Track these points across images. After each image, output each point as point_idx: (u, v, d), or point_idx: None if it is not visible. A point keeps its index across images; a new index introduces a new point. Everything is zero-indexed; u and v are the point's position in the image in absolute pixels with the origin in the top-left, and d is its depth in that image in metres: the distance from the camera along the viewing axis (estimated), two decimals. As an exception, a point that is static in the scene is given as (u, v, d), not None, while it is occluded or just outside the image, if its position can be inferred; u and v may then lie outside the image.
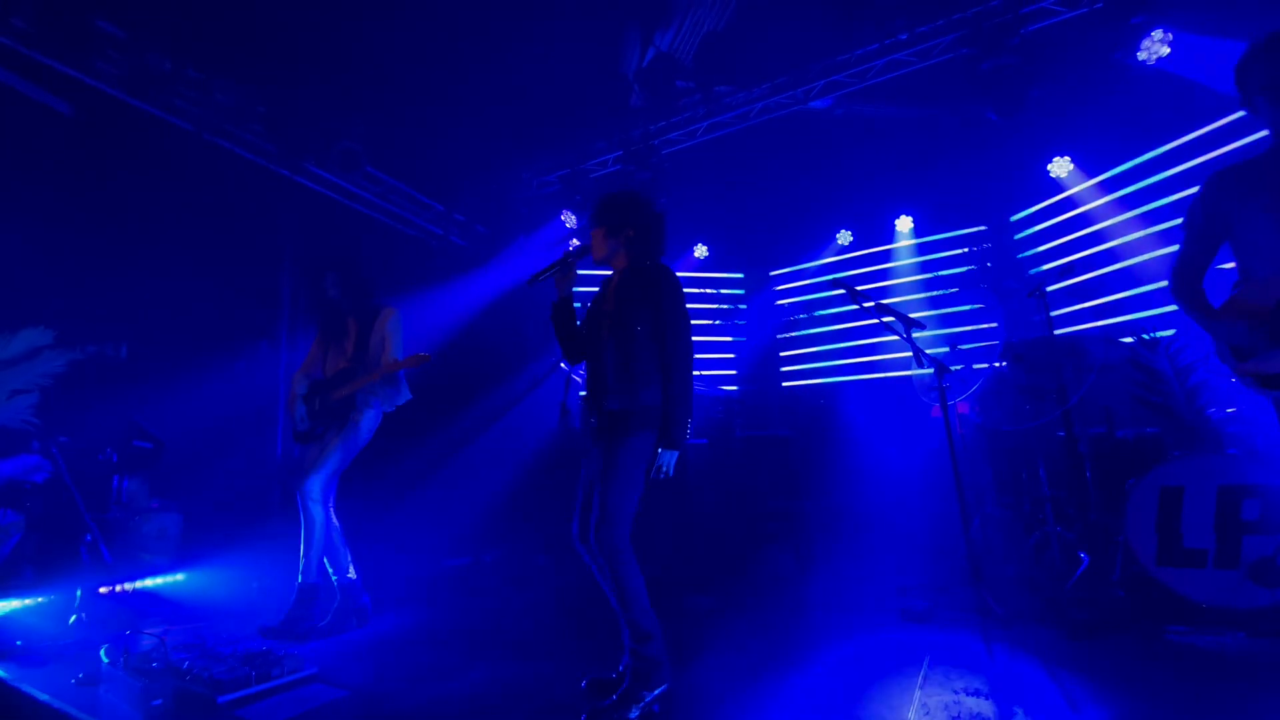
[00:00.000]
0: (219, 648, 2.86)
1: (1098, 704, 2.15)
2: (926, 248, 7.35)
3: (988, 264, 6.85)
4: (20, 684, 2.65)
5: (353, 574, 3.53)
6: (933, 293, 7.10)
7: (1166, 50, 4.55)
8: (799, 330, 8.13)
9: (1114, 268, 5.73)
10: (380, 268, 3.75)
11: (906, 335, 3.42)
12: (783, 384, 8.17)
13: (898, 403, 6.26)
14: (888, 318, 3.46)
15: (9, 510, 3.61)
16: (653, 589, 2.55)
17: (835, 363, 7.76)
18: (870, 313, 3.49)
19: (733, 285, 8.51)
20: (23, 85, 4.26)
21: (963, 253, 7.06)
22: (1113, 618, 2.96)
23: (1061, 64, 5.10)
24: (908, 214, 7.35)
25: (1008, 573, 3.85)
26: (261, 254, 5.72)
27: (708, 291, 8.24)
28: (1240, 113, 4.73)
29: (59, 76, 4.29)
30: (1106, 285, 5.76)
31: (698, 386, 4.55)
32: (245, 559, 4.47)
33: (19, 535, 3.63)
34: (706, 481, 4.44)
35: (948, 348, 4.46)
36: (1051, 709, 2.14)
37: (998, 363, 4.34)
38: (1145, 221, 5.48)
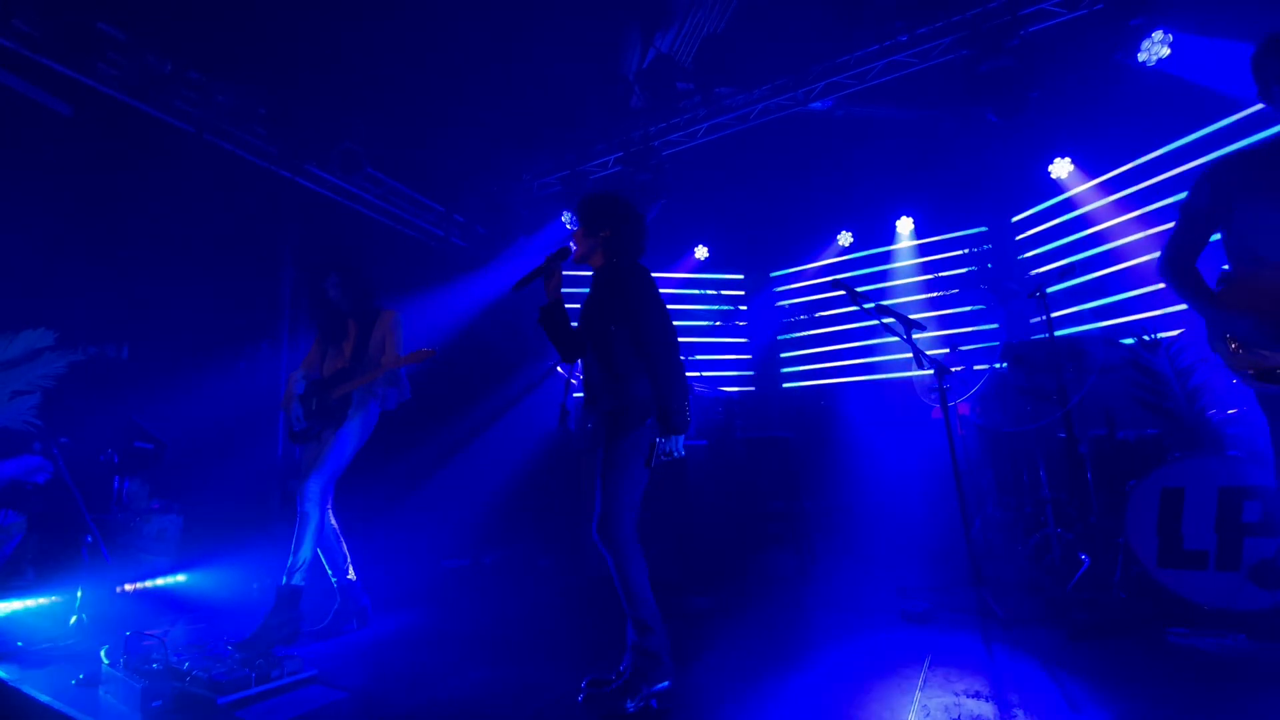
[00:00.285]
0: (219, 649, 2.86)
1: (1098, 706, 2.15)
2: (927, 249, 7.35)
3: (988, 265, 6.85)
4: (21, 685, 2.65)
5: (352, 575, 3.53)
6: (933, 294, 7.10)
7: (1167, 51, 4.55)
8: (799, 331, 8.13)
9: (1115, 269, 5.73)
10: (380, 269, 3.75)
11: (907, 336, 3.42)
12: (783, 385, 8.18)
13: (898, 404, 6.26)
14: (888, 319, 3.46)
15: (10, 511, 3.61)
16: (653, 589, 2.55)
17: (836, 364, 7.76)
18: (871, 314, 3.49)
19: (733, 286, 8.51)
20: (23, 87, 4.27)
21: (963, 254, 7.06)
22: (1113, 619, 2.96)
23: (1061, 65, 5.10)
24: (908, 215, 7.35)
25: (1008, 574, 3.85)
26: (262, 255, 5.72)
27: (708, 293, 8.24)
28: (1241, 113, 4.76)
29: (60, 78, 4.29)
30: (1107, 286, 5.76)
31: (698, 387, 4.55)
32: (246, 560, 4.47)
33: (20, 536, 3.63)
34: (707, 482, 4.43)
35: (948, 349, 4.47)
36: (1052, 711, 2.14)
37: (998, 364, 4.35)
38: (1146, 223, 5.48)
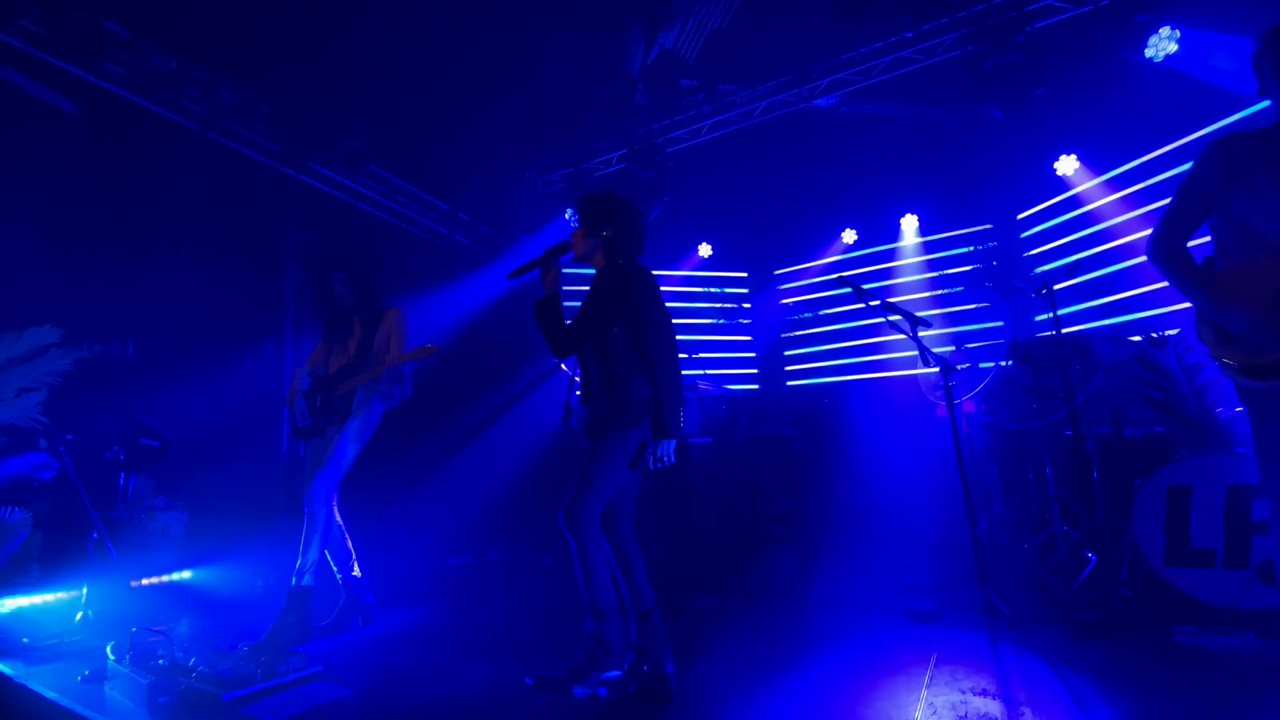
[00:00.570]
0: (225, 645, 2.87)
1: (1105, 704, 2.14)
2: (932, 246, 7.32)
3: (993, 262, 6.83)
4: (27, 681, 2.66)
5: (357, 572, 3.53)
6: (938, 291, 7.08)
7: (1174, 47, 4.52)
8: (803, 329, 8.11)
9: (1121, 266, 5.70)
10: (385, 267, 3.76)
11: (913, 334, 3.41)
12: (787, 383, 8.16)
13: (902, 402, 6.25)
14: (894, 316, 3.44)
15: (16, 508, 3.62)
16: (656, 588, 2.56)
17: (840, 362, 7.74)
18: (875, 311, 3.48)
19: (737, 284, 8.49)
20: (30, 85, 4.28)
21: (968, 251, 7.04)
22: (1120, 618, 2.94)
23: (1067, 62, 5.08)
24: (913, 212, 7.33)
25: (1014, 573, 3.83)
26: (266, 253, 5.74)
27: (712, 290, 8.23)
28: (1249, 110, 4.73)
29: (66, 76, 4.30)
30: (1113, 283, 5.73)
31: (702, 386, 4.54)
32: (250, 557, 4.49)
33: (26, 533, 3.64)
34: (710, 481, 4.42)
35: (954, 346, 4.45)
36: (1059, 709, 2.13)
37: (1004, 362, 4.33)
38: (1153, 220, 5.43)
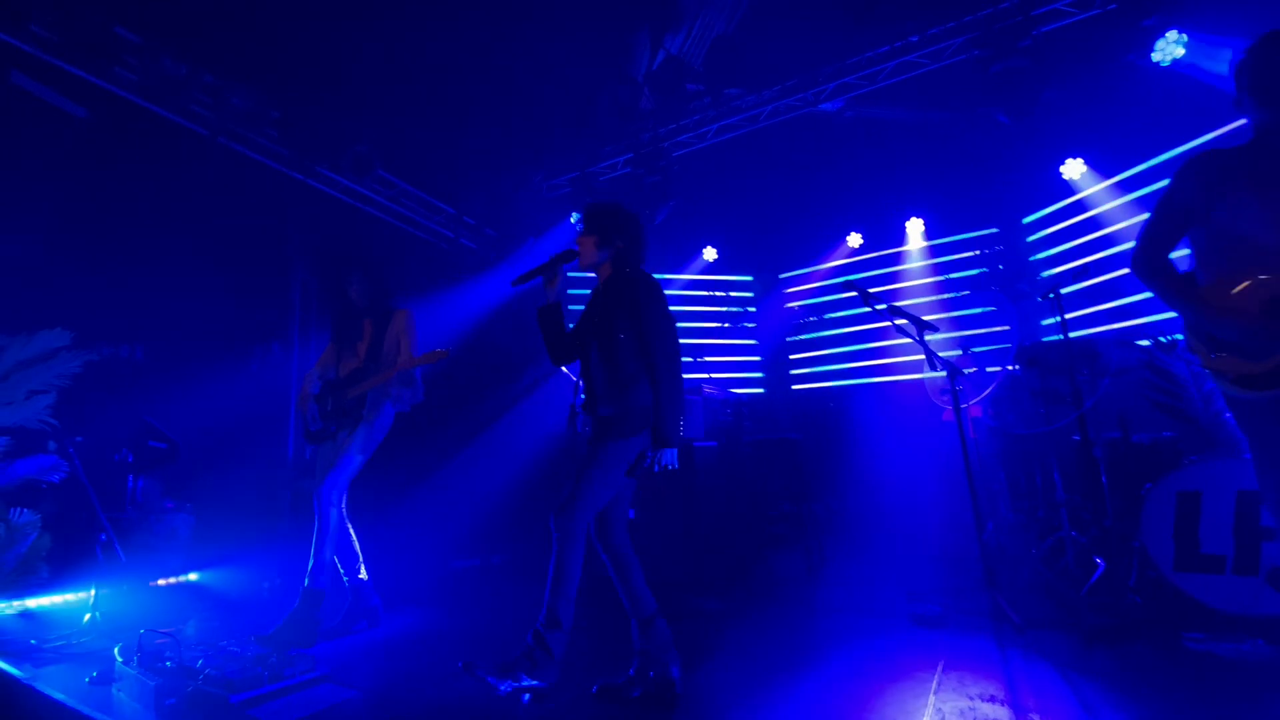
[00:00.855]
0: (232, 647, 2.88)
1: (1114, 711, 2.12)
2: (938, 250, 7.30)
3: (1000, 266, 6.80)
4: (35, 683, 2.67)
5: (364, 574, 3.54)
6: (944, 295, 7.06)
7: (1181, 52, 4.51)
8: (809, 333, 8.10)
9: (1128, 270, 5.66)
10: (391, 270, 3.78)
11: (919, 338, 3.40)
12: (792, 386, 8.15)
13: (908, 406, 6.23)
14: (900, 320, 3.44)
15: (25, 509, 3.65)
16: (661, 591, 2.56)
17: (846, 365, 7.73)
18: (881, 315, 3.47)
19: (742, 288, 8.49)
20: (41, 90, 4.33)
21: (974, 255, 7.02)
22: (1129, 624, 2.92)
23: (1074, 65, 5.07)
24: (918, 216, 7.31)
25: (1022, 578, 3.81)
26: (274, 257, 5.77)
27: (717, 294, 8.23)
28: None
29: (76, 81, 4.34)
30: (1121, 288, 5.70)
31: (707, 389, 4.54)
32: (256, 559, 4.50)
33: (35, 534, 3.66)
34: (715, 484, 4.42)
35: (960, 351, 4.44)
36: (1068, 715, 2.11)
37: (1011, 366, 4.31)
38: (1160, 223, 5.41)
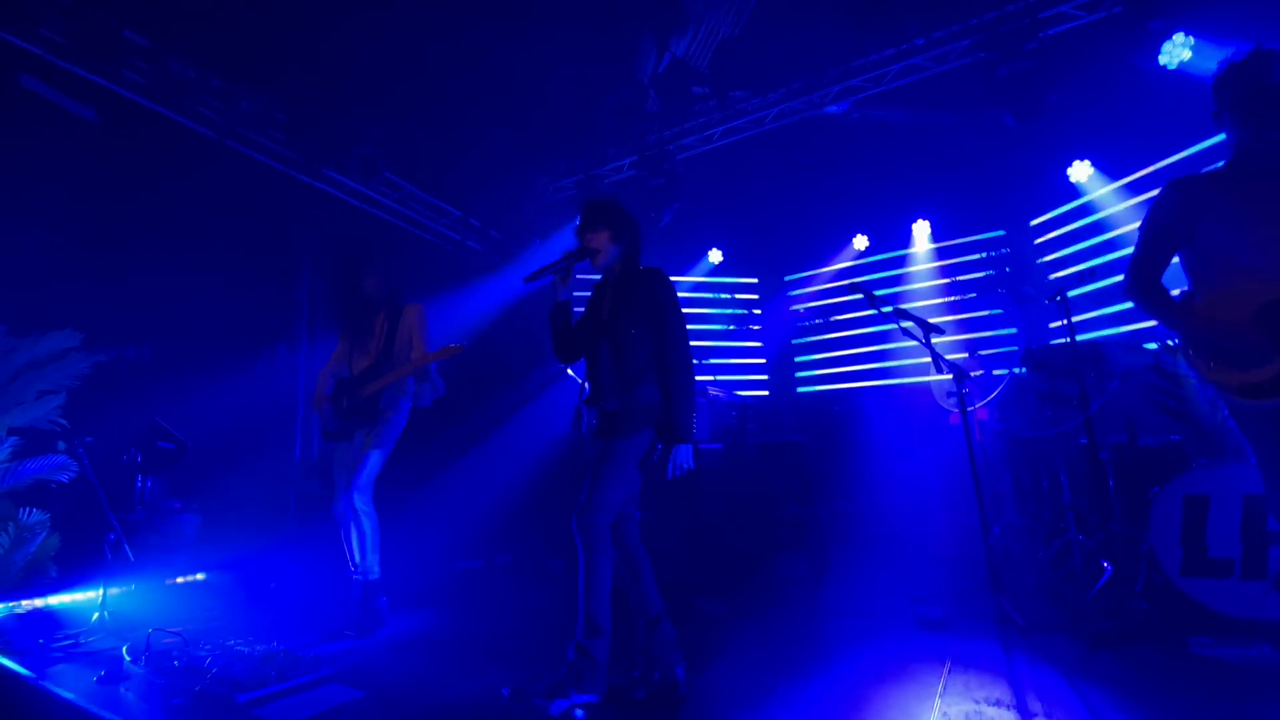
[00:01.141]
0: (238, 647, 2.89)
1: (1121, 715, 2.11)
2: (944, 252, 7.29)
3: (1006, 269, 6.79)
4: (43, 682, 2.69)
5: (375, 574, 3.56)
6: (951, 298, 7.04)
7: (1188, 55, 4.50)
8: (814, 335, 8.09)
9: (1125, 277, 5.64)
10: (397, 272, 3.82)
11: (925, 341, 3.39)
12: (797, 389, 8.14)
13: (914, 409, 6.22)
14: (906, 323, 3.43)
15: (34, 509, 3.67)
16: (666, 593, 2.56)
17: (851, 368, 7.72)
18: (886, 318, 3.46)
19: (747, 290, 8.49)
20: (50, 93, 4.36)
21: (981, 257, 7.01)
22: (1136, 628, 2.91)
23: (1080, 68, 5.06)
24: (925, 218, 7.30)
25: (1028, 581, 3.80)
26: (280, 258, 5.81)
27: (722, 296, 8.23)
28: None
29: (86, 84, 4.38)
30: (1121, 288, 5.68)
31: (712, 391, 4.54)
32: (263, 560, 4.52)
33: (44, 534, 3.69)
34: (720, 486, 4.42)
35: (967, 353, 4.43)
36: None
37: (1017, 369, 4.30)
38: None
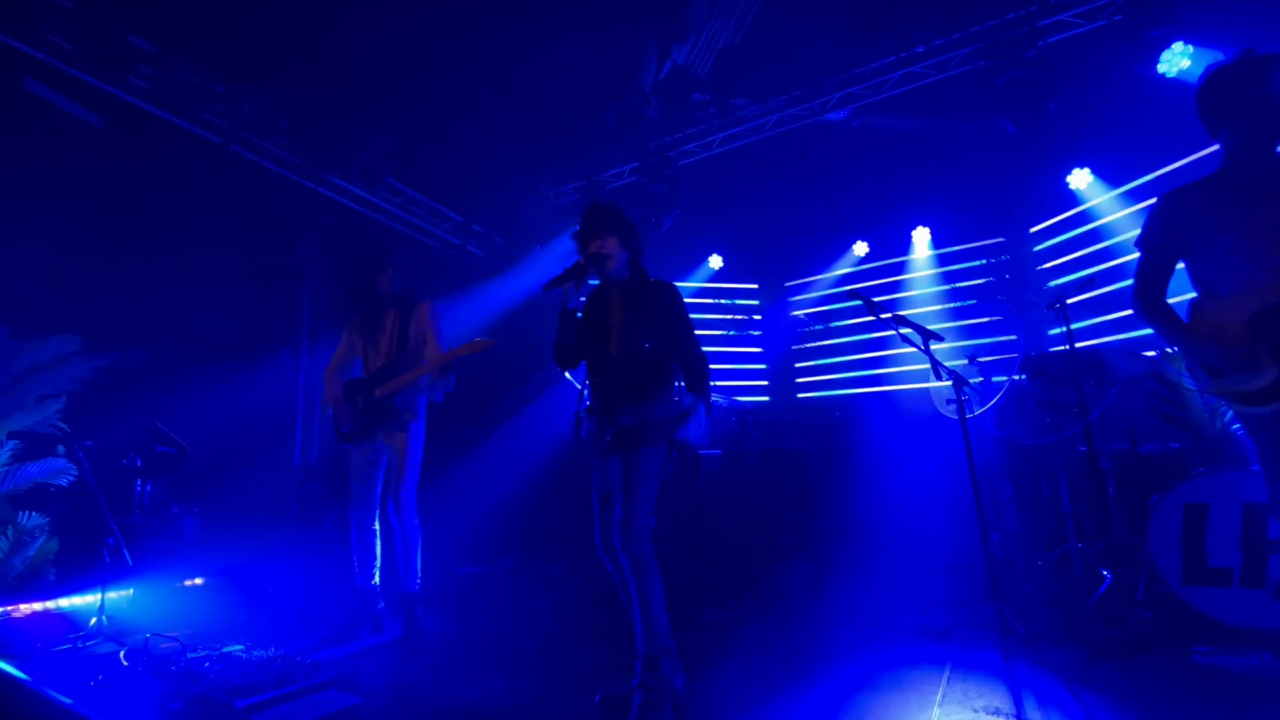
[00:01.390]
0: (237, 652, 2.89)
1: (1122, 725, 2.11)
2: (944, 259, 7.30)
3: (1006, 276, 6.80)
4: (40, 686, 2.68)
5: (376, 580, 3.56)
6: (950, 304, 7.05)
7: (1187, 63, 4.52)
8: (814, 342, 8.10)
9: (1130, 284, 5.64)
10: (412, 270, 3.83)
11: (924, 348, 3.40)
12: (798, 395, 8.14)
13: (915, 415, 6.21)
14: (905, 329, 3.43)
15: (34, 513, 3.67)
16: (666, 600, 2.55)
17: (851, 374, 7.72)
18: (888, 324, 3.47)
19: (748, 296, 8.50)
20: (56, 98, 4.39)
21: (981, 264, 7.01)
22: (1136, 637, 2.90)
23: (1081, 76, 5.08)
24: (924, 225, 7.31)
25: (1028, 590, 3.79)
26: (283, 264, 5.82)
27: (722, 302, 8.23)
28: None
29: (91, 89, 4.40)
30: (1127, 298, 5.68)
31: (712, 398, 4.54)
32: (261, 564, 4.51)
33: (43, 537, 3.68)
34: (721, 493, 4.41)
35: (966, 360, 4.43)
36: (1074, 729, 2.10)
37: (1017, 376, 4.30)
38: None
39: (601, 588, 4.48)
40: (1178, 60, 4.54)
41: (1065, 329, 3.64)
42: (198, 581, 4.29)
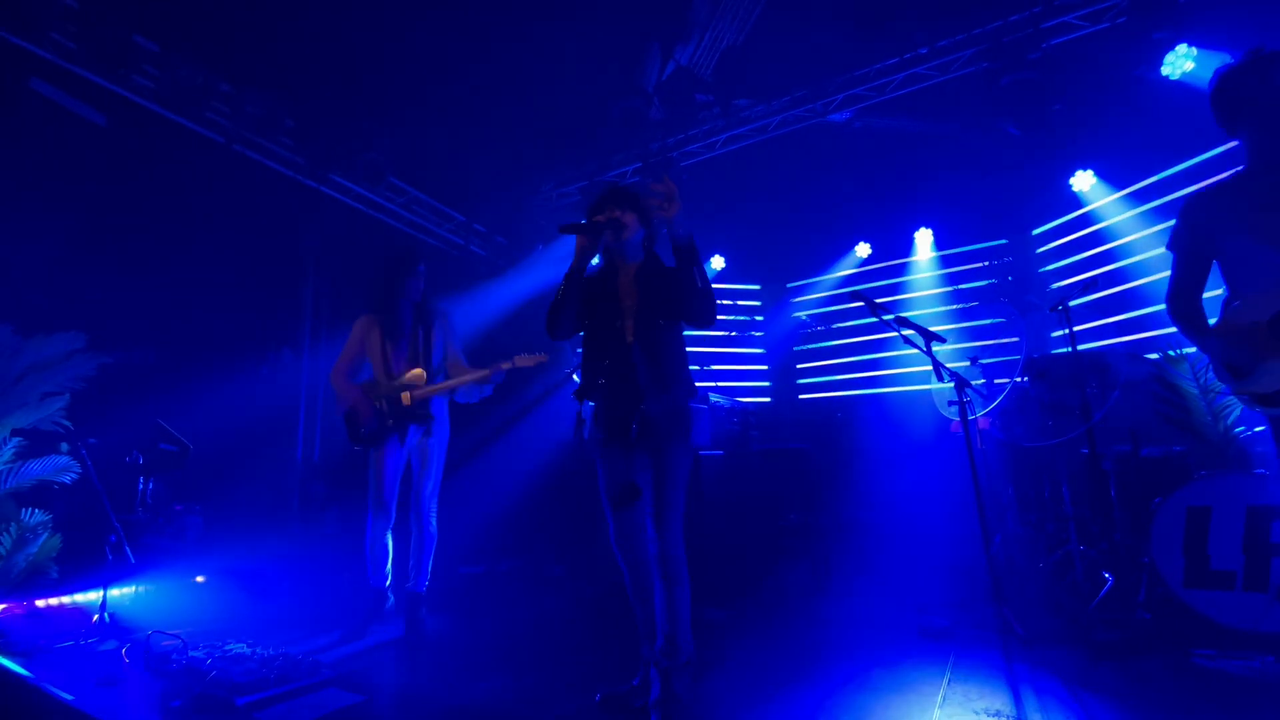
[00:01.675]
0: (238, 649, 2.89)
1: (1123, 727, 2.11)
2: (946, 260, 7.29)
3: (1009, 278, 6.79)
4: (42, 683, 2.69)
5: (389, 580, 3.58)
6: (953, 306, 7.04)
7: (1191, 65, 4.52)
8: (816, 343, 8.09)
9: (1138, 283, 5.65)
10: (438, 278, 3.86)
11: (927, 349, 3.40)
12: (799, 396, 8.13)
13: (916, 417, 6.21)
14: (908, 331, 3.43)
15: (37, 510, 3.68)
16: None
17: (853, 375, 7.71)
18: (890, 326, 3.47)
19: (750, 297, 8.49)
20: (60, 97, 4.40)
21: (983, 266, 7.01)
22: (1138, 640, 2.89)
23: (1084, 78, 5.07)
24: (927, 226, 7.30)
25: (1029, 592, 3.78)
26: (286, 263, 5.83)
27: (724, 303, 8.22)
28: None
29: (96, 89, 4.42)
30: (1130, 300, 5.68)
31: (714, 398, 4.54)
32: (264, 562, 4.52)
33: (45, 534, 3.69)
34: (722, 494, 4.41)
35: (968, 362, 4.42)
36: (1075, 731, 2.10)
37: (1020, 378, 4.30)
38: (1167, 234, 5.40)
39: (602, 588, 4.50)
40: (1181, 63, 4.53)
41: (1068, 331, 3.64)
42: (200, 579, 4.30)
